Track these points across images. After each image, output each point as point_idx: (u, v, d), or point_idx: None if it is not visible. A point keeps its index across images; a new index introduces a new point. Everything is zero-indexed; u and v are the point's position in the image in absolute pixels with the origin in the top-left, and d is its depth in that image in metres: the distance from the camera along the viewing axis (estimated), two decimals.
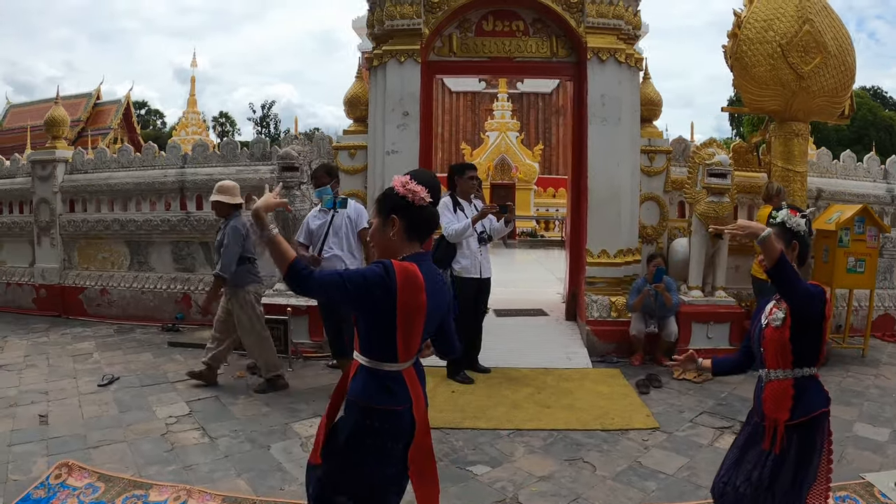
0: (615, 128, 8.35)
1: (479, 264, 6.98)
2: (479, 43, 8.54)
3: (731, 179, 8.22)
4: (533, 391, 6.64)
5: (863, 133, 33.83)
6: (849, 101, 8.81)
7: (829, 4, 8.35)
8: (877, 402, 6.90)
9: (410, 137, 8.19)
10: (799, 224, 3.29)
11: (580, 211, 8.73)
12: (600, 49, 8.24)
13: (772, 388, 3.24)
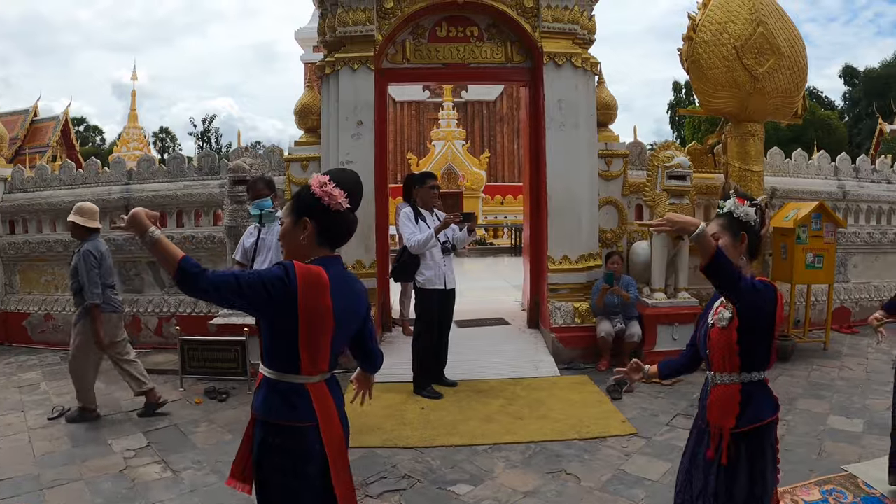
0: (573, 133, 8.28)
1: (443, 275, 6.80)
2: (433, 49, 8.39)
3: (691, 181, 8.22)
4: (504, 403, 6.49)
5: (801, 132, 34.54)
6: (801, 100, 8.95)
7: (780, 7, 8.48)
8: (845, 394, 6.99)
9: (365, 147, 7.98)
10: (748, 214, 3.04)
11: (539, 217, 8.66)
12: (556, 54, 8.16)
13: (717, 394, 3.03)
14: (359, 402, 3.32)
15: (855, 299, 10.61)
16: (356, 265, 7.84)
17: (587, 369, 7.75)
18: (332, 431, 2.60)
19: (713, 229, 3.01)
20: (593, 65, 8.52)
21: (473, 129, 29.04)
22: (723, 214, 3.09)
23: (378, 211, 8.10)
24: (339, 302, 2.55)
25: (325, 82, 8.20)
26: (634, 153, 9.51)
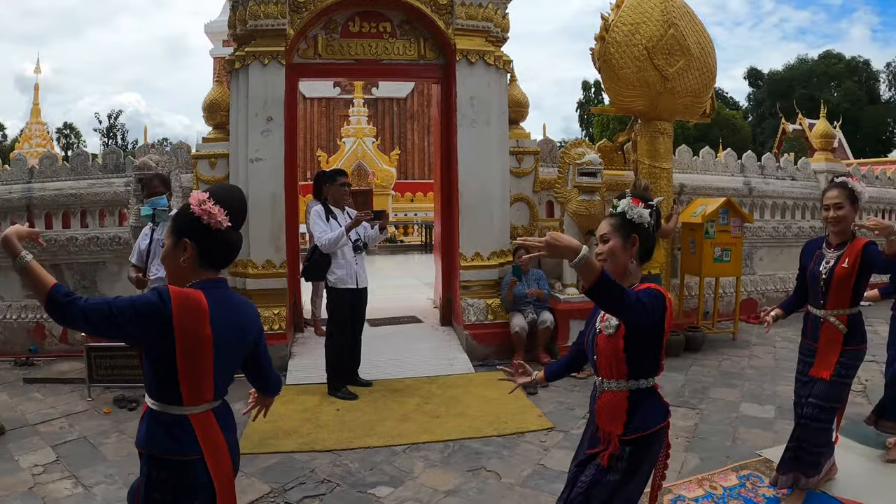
0: (485, 130, 8.28)
1: (354, 274, 6.69)
2: (345, 45, 8.20)
3: (602, 178, 8.34)
4: (420, 401, 6.44)
5: (707, 131, 35.67)
6: (710, 100, 9.23)
7: (691, 10, 8.71)
8: (756, 382, 7.25)
9: (275, 144, 7.75)
10: (641, 216, 2.91)
11: (451, 214, 8.61)
12: (469, 51, 8.15)
13: (605, 400, 2.95)
14: (277, 408, 3.18)
15: (761, 291, 11.09)
16: (266, 265, 7.64)
17: (502, 365, 7.69)
18: (220, 463, 2.48)
19: (604, 229, 2.96)
20: (506, 62, 8.54)
21: (384, 127, 28.91)
22: (615, 214, 2.98)
23: (288, 209, 7.88)
24: (220, 329, 2.42)
25: (234, 77, 7.94)
26: (545, 150, 9.62)
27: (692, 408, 6.46)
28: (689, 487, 4.72)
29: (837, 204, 4.21)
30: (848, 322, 4.26)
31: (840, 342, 4.25)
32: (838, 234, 4.30)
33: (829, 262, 4.27)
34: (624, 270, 2.92)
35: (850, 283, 4.19)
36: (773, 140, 42.93)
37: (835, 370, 4.23)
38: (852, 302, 4.26)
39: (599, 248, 2.96)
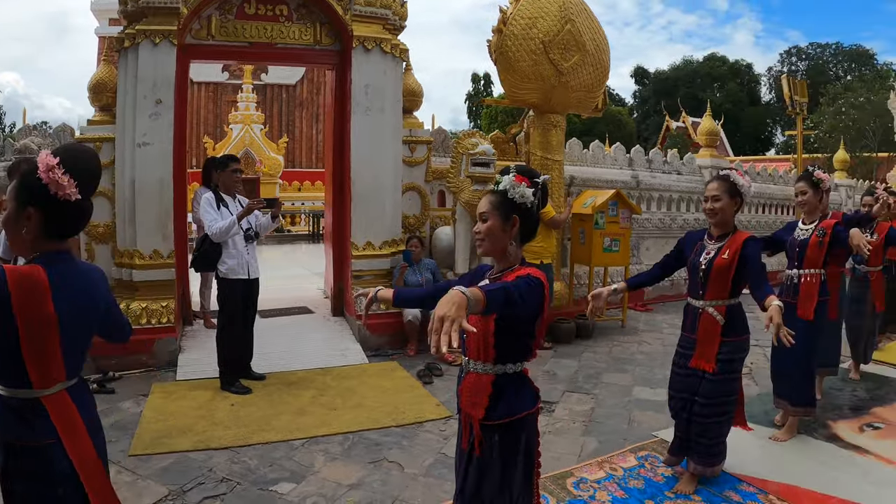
0: (379, 118, 8.20)
1: (246, 264, 6.48)
2: (239, 27, 7.88)
3: (495, 168, 8.39)
4: (316, 393, 6.33)
5: (592, 125, 36.49)
6: (602, 96, 9.47)
7: (588, 7, 8.88)
8: (647, 367, 7.55)
9: (164, 128, 7.35)
10: (524, 195, 2.77)
11: (343, 203, 8.53)
12: (366, 38, 8.03)
13: (470, 381, 2.83)
14: (169, 405, 2.97)
15: None
16: (154, 255, 7.27)
17: (396, 355, 7.75)
18: (80, 446, 2.31)
19: (483, 207, 2.80)
20: (402, 51, 8.47)
21: (272, 114, 28.21)
22: (496, 192, 2.83)
23: (176, 196, 7.52)
24: (64, 304, 2.25)
25: (123, 56, 7.44)
26: (438, 140, 9.64)
27: (587, 393, 6.64)
28: (591, 470, 4.83)
29: (715, 196, 4.36)
30: (727, 313, 4.32)
31: (718, 333, 4.31)
32: (718, 226, 4.42)
33: (710, 254, 4.36)
34: (503, 252, 2.81)
35: (730, 275, 4.26)
36: (657, 136, 44.71)
37: (719, 366, 4.29)
38: (731, 293, 4.33)
39: (478, 226, 2.81)
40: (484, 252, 2.85)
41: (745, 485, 4.68)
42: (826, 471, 5.00)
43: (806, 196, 5.50)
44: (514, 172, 2.82)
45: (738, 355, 4.40)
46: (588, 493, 4.47)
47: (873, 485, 4.79)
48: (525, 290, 2.52)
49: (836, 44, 60.25)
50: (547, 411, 6.05)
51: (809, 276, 5.46)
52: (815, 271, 5.44)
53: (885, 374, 7.72)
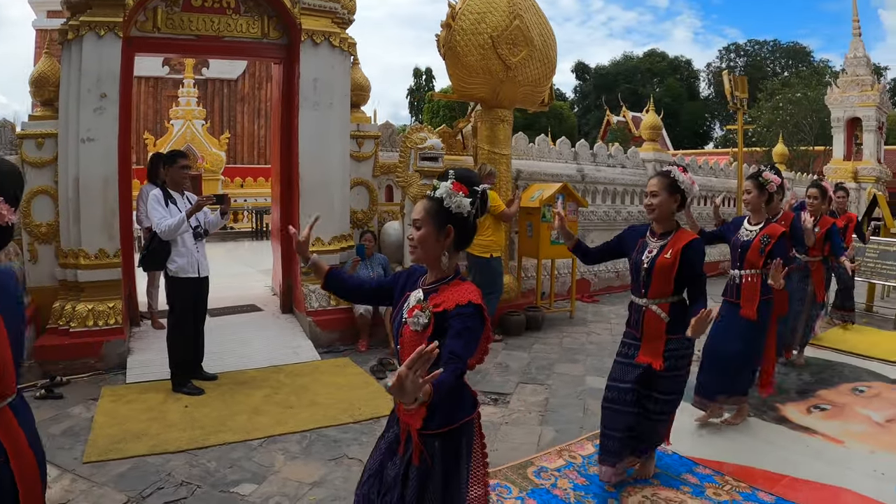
0: (327, 112, 8.14)
1: (196, 262, 6.33)
2: (186, 19, 7.66)
3: (443, 163, 8.41)
4: (270, 392, 6.26)
5: (534, 120, 36.76)
6: (548, 90, 9.54)
7: (536, 3, 8.94)
8: (597, 356, 7.68)
9: (109, 123, 7.13)
10: (460, 206, 2.67)
11: (291, 199, 8.45)
12: (315, 32, 7.93)
13: None
14: (121, 409, 2.85)
15: (594, 271, 11.77)
16: (100, 255, 7.07)
17: (347, 351, 7.71)
18: (24, 463, 2.22)
19: (418, 214, 2.70)
20: (351, 45, 8.41)
21: (213, 109, 27.63)
22: (433, 199, 2.71)
23: (122, 194, 7.31)
24: (5, 312, 2.17)
25: (66, 49, 7.18)
26: (385, 135, 9.63)
27: (540, 383, 6.73)
28: (550, 459, 4.91)
29: (654, 192, 4.31)
30: (671, 310, 4.27)
31: (664, 331, 4.26)
32: (658, 222, 4.37)
33: (652, 252, 4.30)
34: (436, 260, 2.73)
35: (672, 274, 4.21)
36: (598, 131, 45.24)
37: (668, 363, 4.25)
38: (675, 291, 4.28)
39: (411, 232, 2.73)
40: (416, 259, 2.79)
41: (701, 467, 4.85)
42: (777, 451, 5.22)
43: (750, 195, 5.59)
44: (453, 179, 2.72)
45: (685, 352, 4.34)
46: (549, 481, 4.54)
47: (822, 462, 5.04)
48: (471, 339, 2.53)
49: (774, 41, 62.07)
50: (502, 403, 6.13)
51: (751, 277, 5.52)
52: (755, 272, 5.49)
53: (828, 359, 8.05)
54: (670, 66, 61.65)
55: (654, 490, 4.47)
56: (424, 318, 2.62)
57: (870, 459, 5.17)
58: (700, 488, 4.54)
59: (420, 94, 52.46)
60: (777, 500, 4.42)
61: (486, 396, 6.31)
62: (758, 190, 5.53)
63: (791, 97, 36.13)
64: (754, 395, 6.30)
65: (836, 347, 8.56)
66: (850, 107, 24.55)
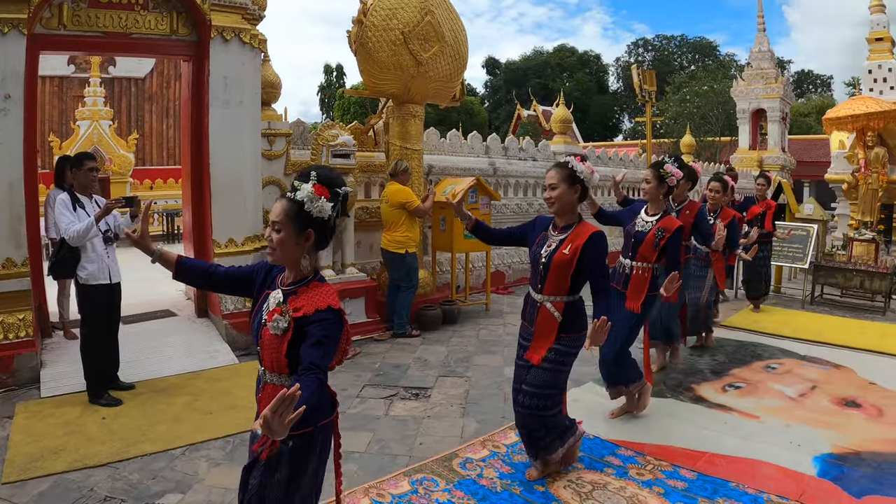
0: (237, 111, 8.01)
1: (107, 268, 6.12)
2: (93, 15, 7.33)
3: (355, 159, 8.43)
4: (190, 399, 6.12)
5: (445, 115, 36.87)
6: (460, 86, 9.62)
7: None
8: (514, 347, 7.56)
9: (13, 125, 6.73)
10: (322, 209, 2.65)
11: (202, 200, 8.28)
12: (225, 28, 7.78)
13: (268, 393, 2.72)
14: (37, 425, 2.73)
15: (508, 263, 11.98)
16: (7, 264, 6.69)
17: None
18: None
19: (276, 215, 2.67)
20: (261, 42, 8.28)
21: (121, 109, 26.59)
22: (293, 201, 2.66)
23: (29, 200, 6.95)
24: None
25: None
26: (297, 133, 9.55)
27: (460, 376, 6.83)
28: (474, 449, 4.99)
29: (552, 185, 4.18)
30: (565, 310, 4.16)
31: (556, 329, 4.15)
32: (559, 215, 4.25)
33: (551, 246, 4.17)
34: (296, 262, 2.72)
35: (569, 272, 4.08)
36: (509, 125, 45.75)
37: (548, 355, 4.16)
38: (571, 289, 4.16)
39: (268, 233, 2.70)
40: (274, 261, 2.78)
41: (623, 449, 5.04)
42: (696, 429, 5.47)
43: (649, 185, 5.53)
44: (314, 181, 2.67)
45: (572, 350, 4.25)
46: (476, 471, 4.61)
47: (739, 438, 5.30)
48: (330, 346, 2.55)
49: (681, 36, 63.90)
50: (423, 397, 6.20)
51: (641, 270, 5.48)
52: (646, 265, 5.45)
53: (740, 339, 8.48)
54: (580, 60, 62.82)
55: (579, 474, 4.60)
56: (284, 322, 2.62)
57: (785, 432, 5.47)
58: (623, 469, 4.69)
59: (331, 91, 52.08)
60: (698, 475, 4.61)
61: (407, 392, 6.36)
62: (657, 181, 5.48)
63: (698, 90, 37.39)
64: (670, 376, 6.64)
65: (747, 328, 8.99)
66: (755, 98, 25.57)
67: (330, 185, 2.68)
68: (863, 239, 11.77)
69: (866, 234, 11.88)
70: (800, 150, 32.73)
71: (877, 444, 5.30)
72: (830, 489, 4.50)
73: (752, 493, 4.38)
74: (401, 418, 5.67)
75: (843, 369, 7.37)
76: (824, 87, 61.42)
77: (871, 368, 7.38)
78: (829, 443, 5.28)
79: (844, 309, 10.93)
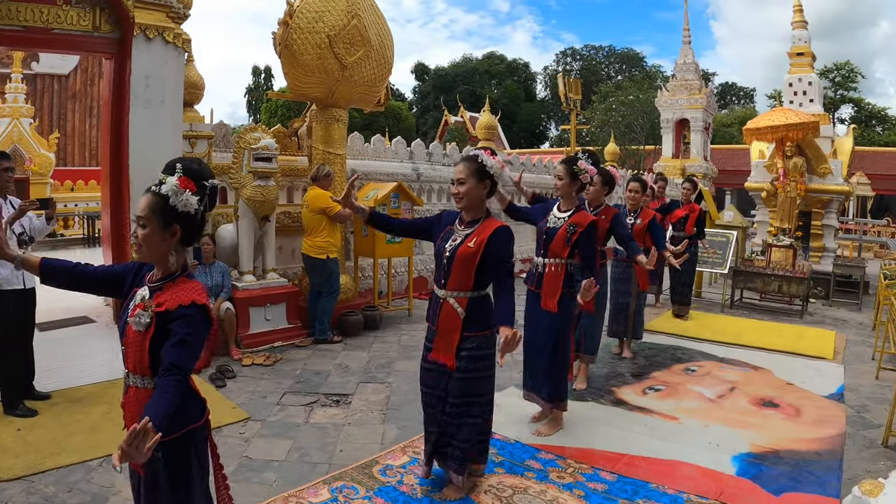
0: (159, 111, 7.88)
1: (21, 272, 5.89)
2: (13, 9, 7.06)
3: (277, 163, 8.32)
4: (108, 408, 5.90)
5: (373, 120, 36.80)
6: (384, 91, 9.63)
7: (375, 3, 8.94)
8: None
9: None
10: (188, 204, 2.58)
11: (122, 203, 8.09)
12: (148, 26, 7.63)
13: (131, 396, 2.63)
14: None
15: (431, 269, 11.93)
16: None
17: None
18: None
19: (141, 209, 2.58)
20: (185, 41, 8.11)
21: (42, 107, 25.72)
22: (157, 194, 2.57)
23: None
24: None
25: None
26: (219, 135, 9.44)
27: (381, 382, 6.84)
28: (395, 456, 5.00)
29: (460, 179, 4.09)
30: (468, 306, 4.02)
31: (459, 326, 4.02)
32: (468, 211, 4.14)
33: (456, 241, 4.06)
34: (164, 260, 2.64)
35: (474, 266, 3.96)
36: (436, 130, 45.95)
37: (463, 363, 4.03)
38: (476, 285, 4.03)
39: (134, 229, 2.62)
40: (141, 258, 2.68)
41: (543, 452, 5.09)
42: (617, 432, 5.56)
43: (562, 182, 5.39)
44: (180, 174, 2.59)
45: (485, 351, 4.10)
46: (396, 478, 4.61)
47: (659, 439, 5.42)
48: (194, 345, 2.46)
49: (609, 46, 65.33)
50: (344, 404, 6.16)
51: (554, 267, 5.32)
52: (559, 261, 5.30)
53: (661, 343, 8.70)
54: (509, 68, 63.57)
55: (500, 479, 4.62)
56: (146, 317, 2.51)
57: (704, 433, 5.62)
58: (544, 473, 4.74)
59: (259, 92, 51.61)
60: (619, 477, 4.70)
61: (328, 398, 6.31)
62: (570, 177, 5.35)
63: (624, 99, 38.18)
64: (591, 380, 6.74)
65: (668, 332, 9.20)
66: (679, 109, 26.17)
67: (196, 177, 2.62)
68: (781, 245, 12.13)
69: (784, 240, 12.25)
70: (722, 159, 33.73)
71: (794, 442, 5.50)
72: (749, 488, 4.63)
73: (672, 493, 4.48)
74: (321, 426, 5.62)
75: (762, 370, 7.60)
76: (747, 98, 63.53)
77: (789, 369, 7.63)
78: (747, 442, 5.45)
79: (763, 312, 11.32)
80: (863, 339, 9.64)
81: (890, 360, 7.84)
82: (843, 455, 5.29)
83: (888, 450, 5.44)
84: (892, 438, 5.56)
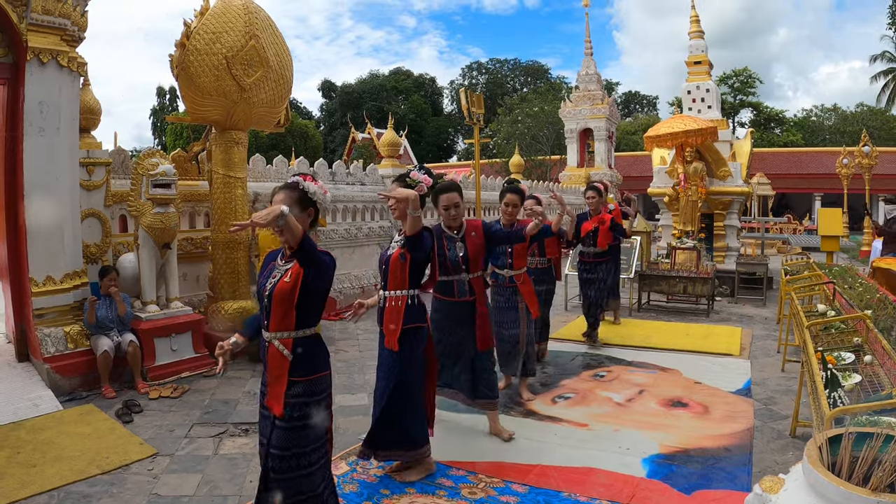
0: (54, 139, 7.53)
1: None
2: None
3: (176, 189, 8.16)
4: (11, 453, 5.63)
5: (279, 140, 36.37)
6: (285, 111, 9.51)
7: (274, 23, 8.80)
8: (346, 374, 7.87)
9: None
10: None
11: (18, 235, 7.72)
12: (42, 50, 7.30)
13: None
14: None
15: (339, 289, 11.96)
16: None
17: (91, 397, 7.15)
18: None
19: None
20: (80, 65, 7.78)
21: None
22: None
23: None
24: None
25: None
26: (118, 161, 9.13)
27: None
28: None
29: None
30: (294, 347, 3.57)
31: (286, 370, 3.54)
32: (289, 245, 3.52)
33: (275, 277, 3.61)
34: None
35: (293, 302, 3.51)
36: (344, 148, 45.77)
37: (287, 411, 3.52)
38: (298, 323, 3.57)
39: None
40: None
41: (454, 469, 5.09)
42: (528, 443, 5.61)
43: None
44: None
45: (312, 398, 3.63)
46: None
47: (570, 447, 5.51)
48: None
49: (515, 59, 66.47)
50: (253, 432, 6.00)
51: (396, 300, 4.74)
52: (401, 293, 4.73)
53: (569, 350, 8.93)
54: (415, 83, 63.93)
55: (412, 499, 4.60)
56: None
57: (614, 438, 5.74)
58: (455, 490, 4.73)
59: (164, 114, 50.63)
60: (530, 489, 4.73)
61: (237, 428, 6.18)
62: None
63: (529, 111, 38.84)
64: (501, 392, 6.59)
65: (575, 339, 9.35)
66: (583, 119, 26.84)
67: None
68: (685, 247, 12.49)
69: (688, 242, 12.61)
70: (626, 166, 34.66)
71: (703, 440, 5.67)
72: (661, 488, 4.75)
73: (585, 500, 4.55)
74: (230, 456, 5.50)
75: (670, 371, 7.81)
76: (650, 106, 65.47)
77: (697, 368, 7.87)
78: (657, 444, 5.59)
79: (671, 314, 11.64)
80: (768, 333, 10.05)
81: (794, 352, 8.13)
82: (753, 448, 5.48)
83: (796, 440, 5.67)
84: (800, 429, 5.79)
